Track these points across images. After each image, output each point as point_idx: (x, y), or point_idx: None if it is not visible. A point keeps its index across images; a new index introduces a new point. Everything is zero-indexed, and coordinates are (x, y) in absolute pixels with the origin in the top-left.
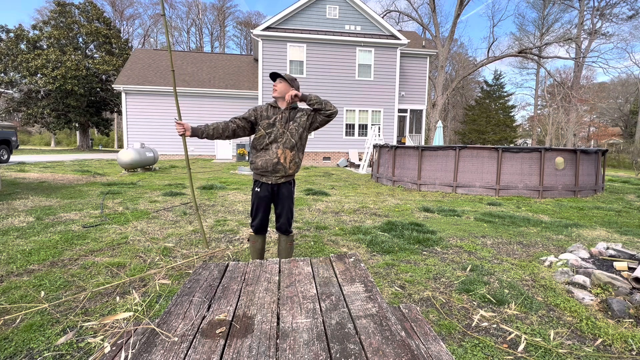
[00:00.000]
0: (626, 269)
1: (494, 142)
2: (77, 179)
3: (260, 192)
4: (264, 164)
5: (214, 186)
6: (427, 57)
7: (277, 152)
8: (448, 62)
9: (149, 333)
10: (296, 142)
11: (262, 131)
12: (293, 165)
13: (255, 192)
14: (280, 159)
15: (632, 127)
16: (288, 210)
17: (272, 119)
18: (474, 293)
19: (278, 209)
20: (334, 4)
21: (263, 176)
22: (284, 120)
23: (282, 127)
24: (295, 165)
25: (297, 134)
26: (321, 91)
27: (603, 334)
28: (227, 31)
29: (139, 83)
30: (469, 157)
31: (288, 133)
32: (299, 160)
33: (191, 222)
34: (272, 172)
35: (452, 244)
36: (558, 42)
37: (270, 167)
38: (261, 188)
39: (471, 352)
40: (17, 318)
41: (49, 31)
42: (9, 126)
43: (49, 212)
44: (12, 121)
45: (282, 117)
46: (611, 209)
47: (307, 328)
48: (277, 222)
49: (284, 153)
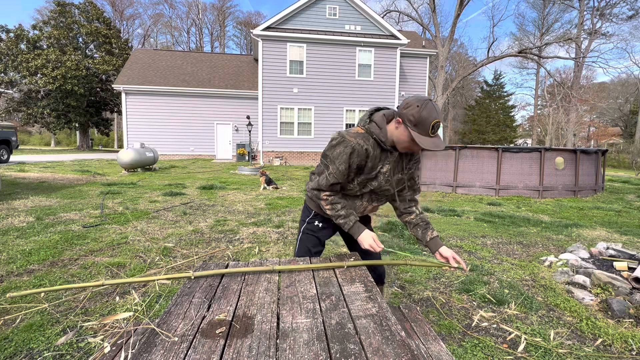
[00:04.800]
0: (626, 269)
1: (494, 142)
2: (77, 179)
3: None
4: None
5: (214, 186)
6: (427, 57)
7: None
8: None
9: (149, 333)
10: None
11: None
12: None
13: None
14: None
15: (632, 127)
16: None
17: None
18: (474, 293)
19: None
20: (333, 3)
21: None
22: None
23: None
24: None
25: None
26: (321, 91)
27: (603, 334)
28: (227, 31)
29: (139, 83)
30: (469, 157)
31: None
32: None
33: (191, 222)
34: None
35: (452, 244)
36: (558, 42)
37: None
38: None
39: (471, 352)
40: (17, 318)
41: (49, 31)
42: (9, 126)
43: (49, 212)
44: (12, 121)
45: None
46: (611, 209)
47: (307, 328)
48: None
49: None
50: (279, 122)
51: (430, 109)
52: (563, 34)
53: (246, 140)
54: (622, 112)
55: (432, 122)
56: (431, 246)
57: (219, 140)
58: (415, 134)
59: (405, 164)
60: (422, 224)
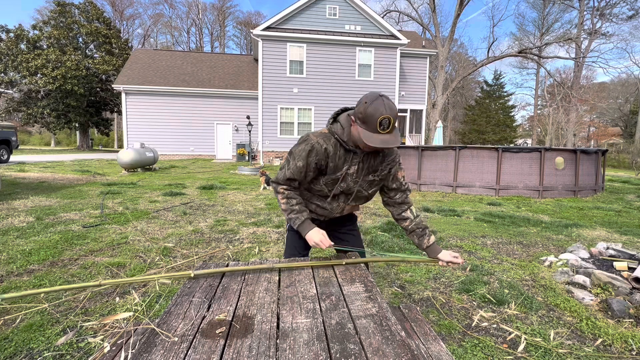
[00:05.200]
0: (626, 269)
1: (494, 142)
2: (77, 179)
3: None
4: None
5: (214, 186)
6: (427, 57)
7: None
8: (448, 62)
9: (149, 333)
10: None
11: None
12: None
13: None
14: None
15: (632, 127)
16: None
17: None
18: (474, 293)
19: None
20: (333, 3)
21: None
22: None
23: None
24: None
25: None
26: (321, 91)
27: (603, 334)
28: (227, 31)
29: (139, 83)
30: (469, 157)
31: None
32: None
33: (191, 222)
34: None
35: (452, 244)
36: (558, 42)
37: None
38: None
39: (471, 352)
40: (17, 318)
41: (49, 31)
42: (9, 126)
43: (49, 212)
44: (12, 121)
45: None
46: (611, 209)
47: (307, 328)
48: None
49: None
50: (279, 122)
51: (377, 104)
52: (563, 34)
53: (246, 140)
54: (622, 112)
55: (378, 118)
56: (429, 253)
57: (219, 140)
58: (362, 130)
59: (378, 164)
60: (418, 230)
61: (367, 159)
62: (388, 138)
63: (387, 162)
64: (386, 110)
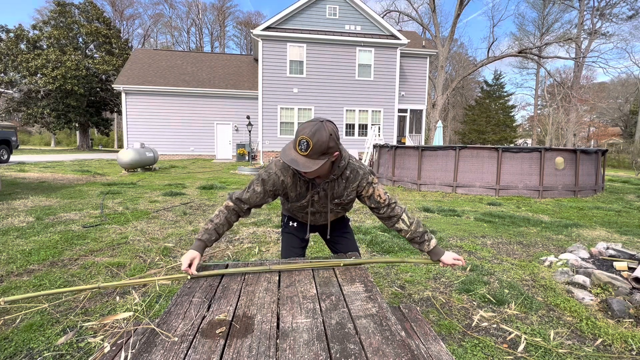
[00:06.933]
0: (626, 269)
1: (494, 142)
2: (77, 179)
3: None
4: None
5: (214, 186)
6: (427, 57)
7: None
8: (448, 62)
9: (149, 333)
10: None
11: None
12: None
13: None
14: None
15: (632, 127)
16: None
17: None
18: (474, 293)
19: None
20: (333, 3)
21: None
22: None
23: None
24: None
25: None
26: (321, 91)
27: (603, 334)
28: (227, 31)
29: (138, 83)
30: (469, 157)
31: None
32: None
33: (191, 222)
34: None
35: (452, 244)
36: (558, 42)
37: None
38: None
39: (471, 352)
40: (17, 318)
41: (49, 31)
42: (9, 126)
43: (49, 212)
44: (12, 121)
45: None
46: (611, 209)
47: (307, 328)
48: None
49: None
50: (279, 122)
51: (305, 125)
52: (563, 34)
53: (246, 140)
54: (622, 112)
55: (298, 137)
56: (432, 256)
57: (219, 140)
58: (287, 146)
59: (342, 191)
60: (417, 237)
61: (330, 187)
62: (300, 160)
63: (351, 188)
64: (310, 133)
